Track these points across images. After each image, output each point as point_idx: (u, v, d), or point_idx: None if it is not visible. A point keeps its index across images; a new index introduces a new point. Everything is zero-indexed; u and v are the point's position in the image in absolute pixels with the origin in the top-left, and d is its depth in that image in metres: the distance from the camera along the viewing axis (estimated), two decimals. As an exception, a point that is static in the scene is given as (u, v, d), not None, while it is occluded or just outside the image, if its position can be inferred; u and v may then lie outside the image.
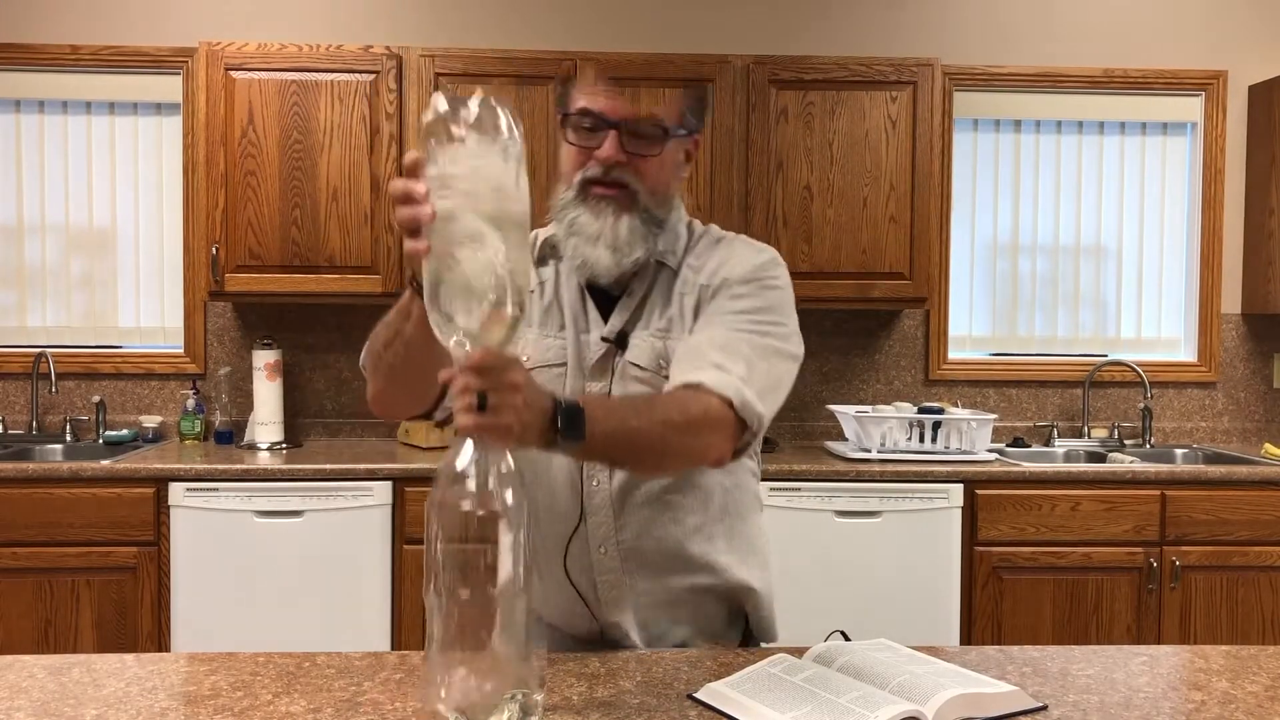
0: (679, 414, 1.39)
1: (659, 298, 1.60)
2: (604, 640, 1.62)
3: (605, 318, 1.60)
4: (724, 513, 1.63)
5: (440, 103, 1.15)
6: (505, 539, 1.14)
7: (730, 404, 1.42)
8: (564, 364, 1.59)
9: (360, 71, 3.56)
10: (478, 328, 1.15)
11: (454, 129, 1.13)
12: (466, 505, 1.14)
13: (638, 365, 1.57)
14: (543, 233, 1.68)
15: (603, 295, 1.61)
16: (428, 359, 1.30)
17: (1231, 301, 4.12)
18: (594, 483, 1.57)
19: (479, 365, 1.14)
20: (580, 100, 1.52)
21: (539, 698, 1.20)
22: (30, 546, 3.25)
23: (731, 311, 1.54)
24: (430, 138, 1.15)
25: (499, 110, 1.15)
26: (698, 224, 1.69)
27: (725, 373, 1.44)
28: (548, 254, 1.65)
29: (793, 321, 1.59)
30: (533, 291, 1.63)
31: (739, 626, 1.69)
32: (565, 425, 1.24)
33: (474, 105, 1.14)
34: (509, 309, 1.15)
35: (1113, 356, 4.11)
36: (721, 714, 1.29)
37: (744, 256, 1.61)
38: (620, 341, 1.57)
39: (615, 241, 1.52)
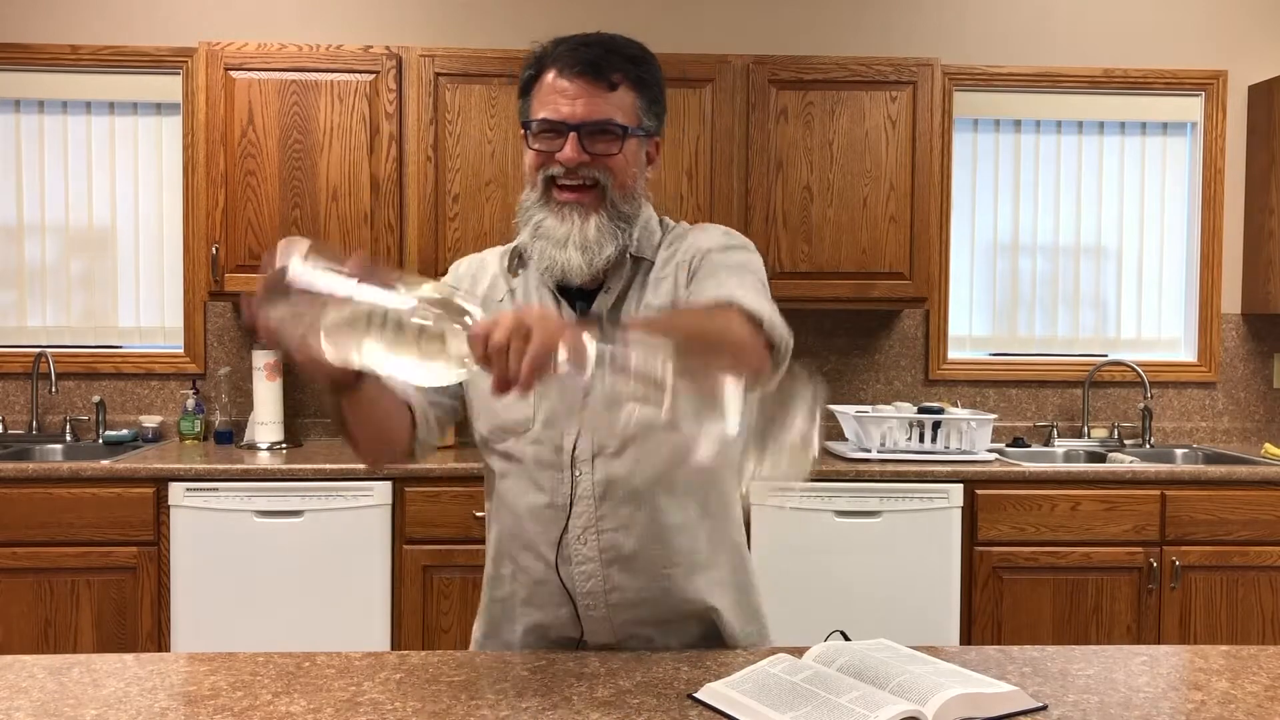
0: (721, 319, 1.41)
1: (638, 290, 1.62)
2: (584, 645, 1.62)
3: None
4: (705, 513, 1.63)
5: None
6: None
7: (760, 323, 1.44)
8: None
9: (360, 71, 3.56)
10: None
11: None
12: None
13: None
14: (501, 250, 1.69)
15: (577, 294, 1.62)
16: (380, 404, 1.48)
17: (1231, 301, 4.13)
18: (578, 472, 1.58)
19: (493, 329, 1.15)
20: (539, 111, 1.55)
21: None
22: (30, 546, 3.25)
23: (724, 266, 1.57)
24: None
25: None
26: (670, 220, 1.71)
27: (748, 300, 1.47)
28: (515, 264, 1.66)
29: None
30: (501, 300, 1.64)
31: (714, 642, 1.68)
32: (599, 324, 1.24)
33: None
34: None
35: (1113, 356, 4.11)
36: (721, 714, 1.29)
37: (714, 233, 1.67)
38: None
39: (584, 242, 1.54)
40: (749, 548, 1.75)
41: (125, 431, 3.80)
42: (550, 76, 1.56)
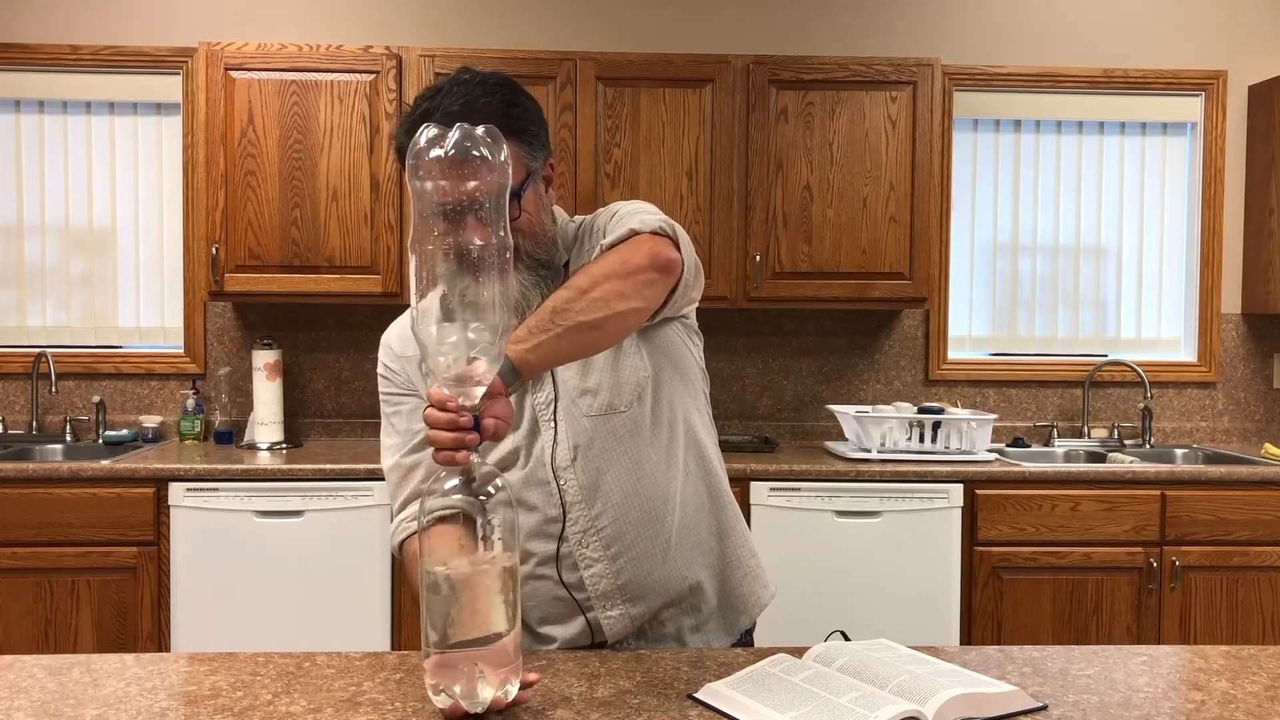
0: (600, 269, 1.42)
1: None
2: (599, 645, 1.63)
3: None
4: (686, 472, 1.67)
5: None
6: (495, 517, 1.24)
7: (655, 231, 1.48)
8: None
9: (360, 71, 3.56)
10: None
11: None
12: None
13: None
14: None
15: None
16: None
17: (1231, 301, 4.12)
18: (563, 481, 1.59)
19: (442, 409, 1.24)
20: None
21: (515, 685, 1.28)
22: (30, 546, 3.25)
23: (618, 220, 1.58)
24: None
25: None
26: (586, 217, 1.70)
27: (643, 222, 1.51)
28: None
29: None
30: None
31: (728, 614, 1.71)
32: (507, 381, 1.31)
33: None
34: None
35: (1113, 356, 4.11)
36: (721, 714, 1.29)
37: (609, 209, 1.66)
38: None
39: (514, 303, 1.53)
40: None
41: (125, 431, 3.80)
42: None
